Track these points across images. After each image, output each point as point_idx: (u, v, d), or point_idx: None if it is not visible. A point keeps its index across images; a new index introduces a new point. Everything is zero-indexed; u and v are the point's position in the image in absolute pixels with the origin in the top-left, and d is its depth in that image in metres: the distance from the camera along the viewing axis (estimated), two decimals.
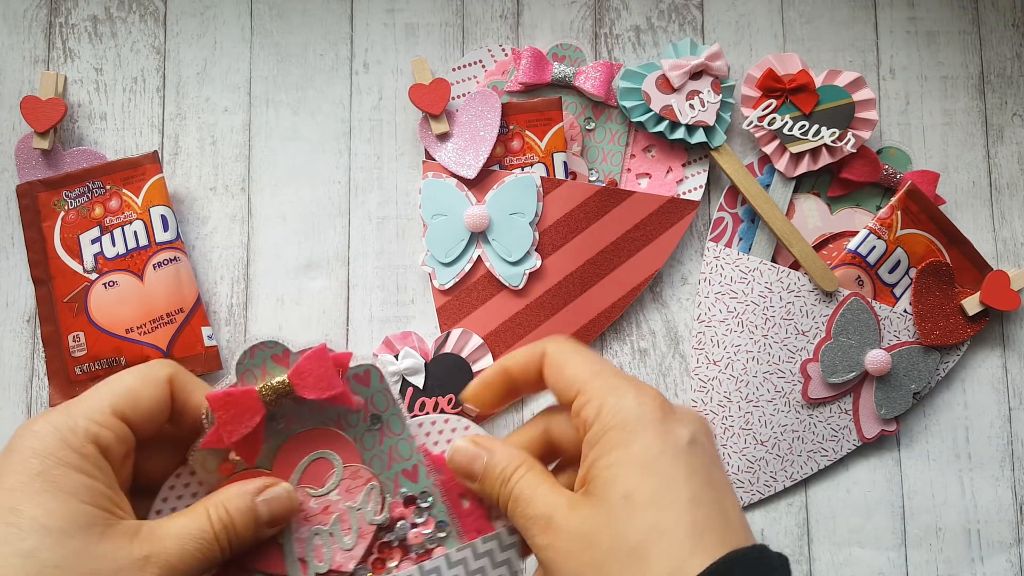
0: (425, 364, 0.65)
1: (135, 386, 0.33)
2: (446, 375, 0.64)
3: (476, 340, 0.65)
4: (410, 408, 0.63)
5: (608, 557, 0.30)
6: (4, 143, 0.69)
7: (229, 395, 0.35)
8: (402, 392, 0.64)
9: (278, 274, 0.69)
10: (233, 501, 0.34)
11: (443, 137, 0.68)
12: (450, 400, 0.63)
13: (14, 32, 0.70)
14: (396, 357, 0.65)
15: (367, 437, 0.38)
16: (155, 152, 0.67)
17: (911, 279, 0.69)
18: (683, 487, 0.31)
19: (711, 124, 0.68)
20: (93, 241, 0.66)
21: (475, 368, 0.65)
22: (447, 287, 0.68)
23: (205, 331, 0.66)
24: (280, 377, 0.36)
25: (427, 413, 0.63)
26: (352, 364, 0.38)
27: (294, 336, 0.68)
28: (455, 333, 0.65)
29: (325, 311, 0.68)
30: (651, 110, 0.68)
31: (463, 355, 0.65)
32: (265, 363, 0.36)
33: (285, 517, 0.35)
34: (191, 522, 0.33)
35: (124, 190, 0.67)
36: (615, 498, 0.31)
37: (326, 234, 0.69)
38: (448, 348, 0.65)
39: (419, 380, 0.64)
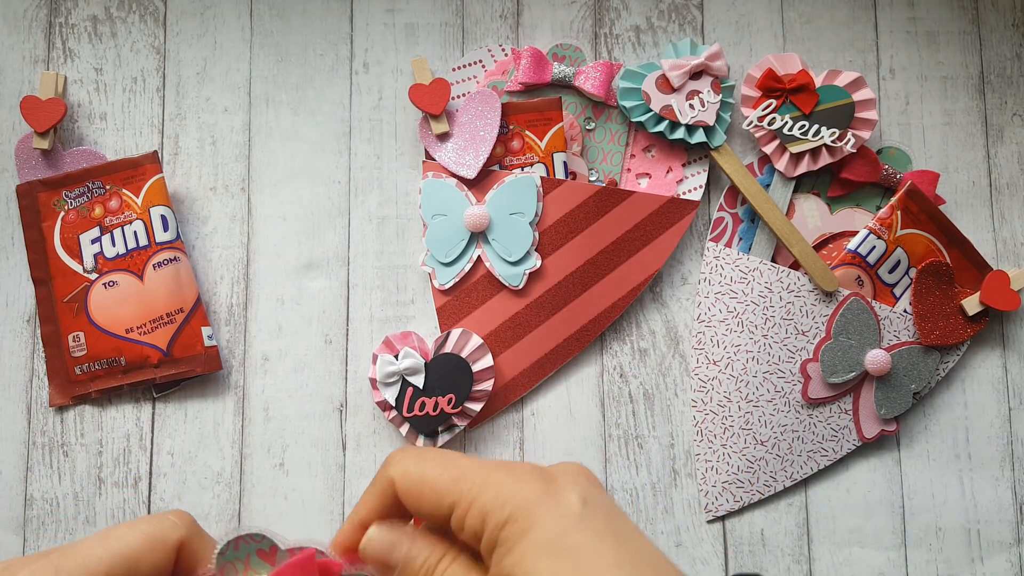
0: (425, 364, 0.65)
1: (138, 550, 0.30)
2: (446, 375, 0.64)
3: (476, 340, 0.65)
4: (410, 408, 0.63)
5: None
6: (4, 143, 0.69)
7: None
8: (402, 392, 0.64)
9: (278, 274, 0.69)
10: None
11: (443, 137, 0.68)
12: (450, 400, 0.63)
13: (14, 32, 0.70)
14: (396, 357, 0.65)
15: None
16: (155, 152, 0.67)
17: (911, 279, 0.69)
18: (599, 554, 0.29)
19: (711, 124, 0.68)
20: (93, 241, 0.66)
21: (475, 368, 0.65)
22: (447, 287, 0.68)
23: (205, 331, 0.66)
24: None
25: (426, 413, 0.63)
26: (344, 572, 0.35)
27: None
28: (455, 333, 0.65)
29: (325, 311, 0.68)
30: (651, 110, 0.68)
31: (463, 355, 0.65)
32: (250, 557, 0.34)
33: None
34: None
35: (124, 190, 0.67)
36: None
37: (326, 234, 0.69)
38: (448, 348, 0.65)
39: (419, 380, 0.64)
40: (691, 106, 0.68)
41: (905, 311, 0.68)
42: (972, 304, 0.68)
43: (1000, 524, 0.68)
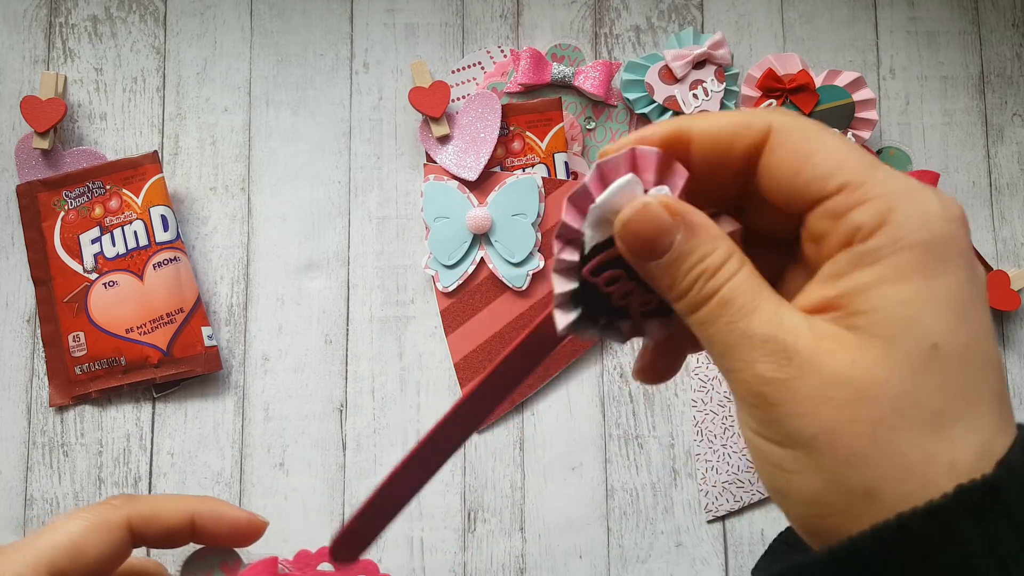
0: None
1: (79, 537, 0.29)
2: None
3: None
4: (595, 272, 0.41)
5: (899, 420, 0.23)
6: (4, 143, 0.69)
7: None
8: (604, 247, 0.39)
9: (278, 274, 0.69)
10: None
11: (444, 140, 0.68)
12: (647, 303, 0.34)
13: (14, 32, 0.70)
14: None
15: None
16: (155, 152, 0.67)
17: None
18: (992, 348, 0.24)
19: None
20: (93, 241, 0.66)
21: None
22: (451, 289, 0.68)
23: (205, 331, 0.66)
24: None
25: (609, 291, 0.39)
26: None
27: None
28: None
29: (325, 311, 0.68)
30: (655, 101, 0.68)
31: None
32: (213, 571, 0.34)
33: None
34: None
35: (124, 190, 0.67)
36: (916, 348, 0.23)
37: (326, 234, 0.69)
38: None
39: None
40: (695, 95, 0.68)
41: None
42: None
43: None
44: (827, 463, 0.23)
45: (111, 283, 0.66)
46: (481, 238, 0.67)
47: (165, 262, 0.66)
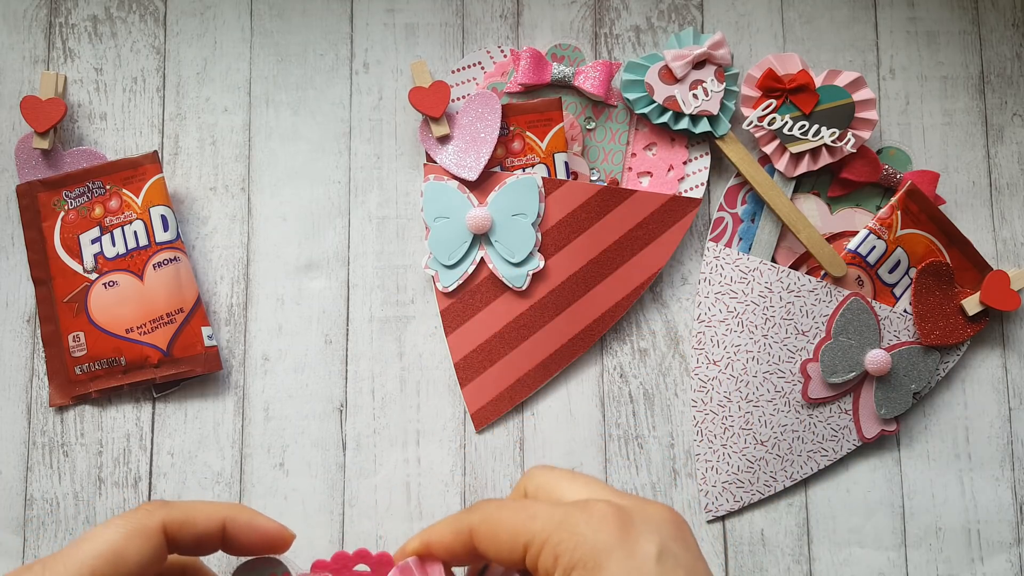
0: None
1: (119, 543, 0.30)
2: None
3: None
4: None
5: None
6: (4, 143, 0.69)
7: None
8: None
9: (278, 274, 0.69)
10: None
11: (444, 140, 0.68)
12: None
13: (14, 32, 0.70)
14: None
15: None
16: (155, 152, 0.67)
17: (911, 279, 0.69)
18: None
19: (715, 113, 0.68)
20: (93, 241, 0.66)
21: None
22: (451, 289, 0.68)
23: (205, 331, 0.66)
24: None
25: None
26: None
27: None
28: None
29: (325, 311, 0.68)
30: (654, 101, 0.68)
31: None
32: None
33: None
34: None
35: (124, 190, 0.67)
36: None
37: (326, 234, 0.69)
38: None
39: None
40: (695, 96, 0.68)
41: (905, 311, 0.68)
42: (972, 304, 0.68)
43: (1000, 524, 0.68)
44: None
45: (111, 283, 0.66)
46: (481, 238, 0.67)
47: (165, 262, 0.66)
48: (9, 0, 0.70)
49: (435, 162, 0.68)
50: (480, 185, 0.68)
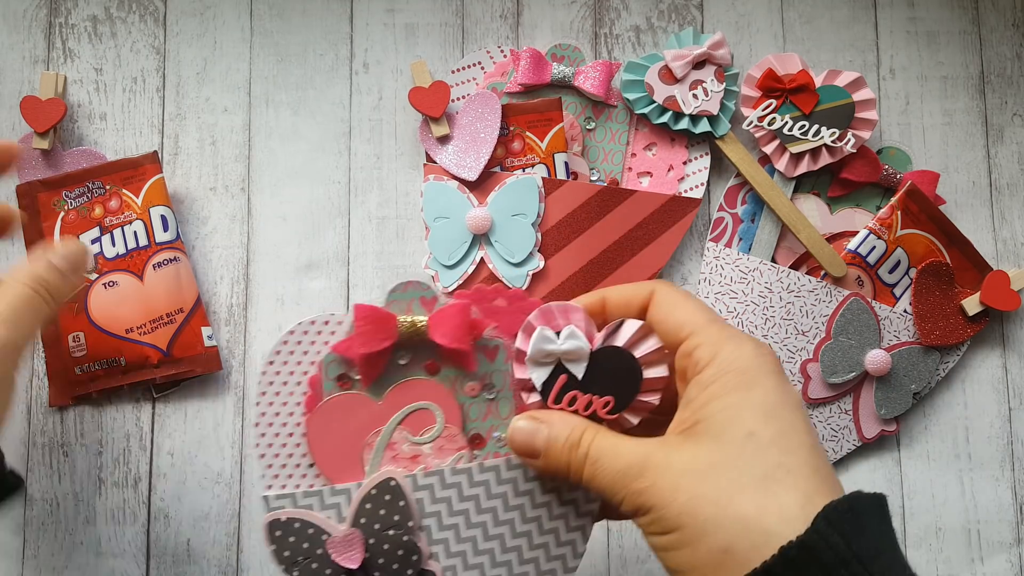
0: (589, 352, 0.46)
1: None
2: (610, 372, 0.45)
3: (653, 342, 0.44)
4: (558, 399, 0.45)
5: (734, 487, 0.31)
6: None
7: (374, 310, 0.38)
8: (553, 377, 0.45)
9: (278, 274, 0.69)
10: (36, 267, 0.45)
11: (444, 140, 0.68)
12: (607, 404, 0.43)
13: (14, 32, 0.70)
14: (557, 334, 0.45)
15: (474, 407, 0.41)
16: (155, 152, 0.67)
17: (911, 279, 0.69)
18: (804, 435, 0.33)
19: (715, 113, 0.68)
20: (93, 241, 0.66)
21: (647, 374, 0.44)
22: (451, 290, 0.68)
23: (205, 331, 0.66)
24: (421, 318, 0.39)
25: (575, 410, 0.44)
26: (486, 333, 0.40)
27: None
28: (630, 325, 0.44)
29: (325, 311, 0.68)
30: (654, 101, 0.68)
31: (636, 355, 0.45)
32: (413, 302, 0.40)
33: (80, 260, 0.48)
34: (10, 290, 0.44)
35: (124, 190, 0.67)
36: (737, 436, 0.32)
37: (326, 234, 0.69)
38: (619, 341, 0.45)
39: (579, 369, 0.45)
40: (695, 96, 0.68)
41: (905, 311, 0.68)
42: (972, 304, 0.68)
43: (1000, 524, 0.68)
44: (693, 534, 0.31)
45: (111, 283, 0.66)
46: (481, 238, 0.67)
47: (165, 262, 0.66)
48: (9, 0, 0.70)
49: (435, 162, 0.68)
50: (480, 185, 0.68)
